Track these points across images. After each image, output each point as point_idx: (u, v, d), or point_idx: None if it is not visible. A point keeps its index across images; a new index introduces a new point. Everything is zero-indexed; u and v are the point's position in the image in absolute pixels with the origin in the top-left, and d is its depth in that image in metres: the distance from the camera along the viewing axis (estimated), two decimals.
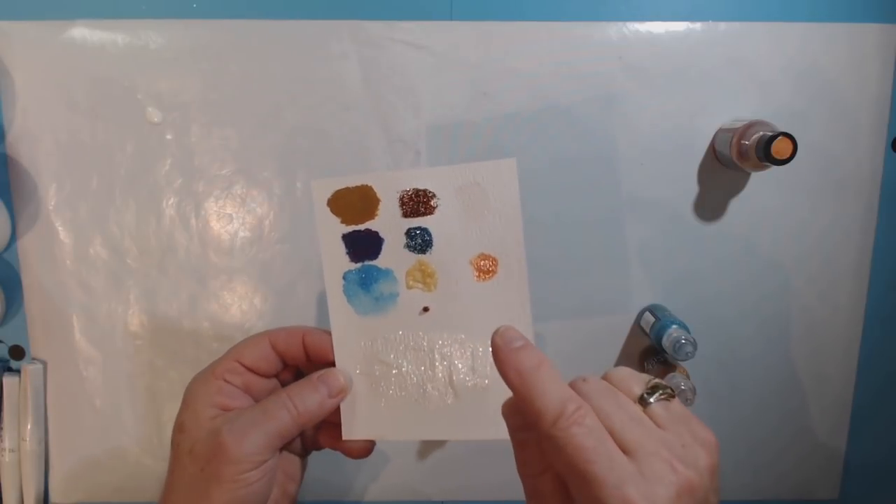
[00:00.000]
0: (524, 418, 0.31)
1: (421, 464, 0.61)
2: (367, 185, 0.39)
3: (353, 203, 0.39)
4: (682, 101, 0.55)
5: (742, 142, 0.50)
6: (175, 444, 0.38)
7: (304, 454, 0.43)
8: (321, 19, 0.53)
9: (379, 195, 0.39)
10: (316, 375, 0.39)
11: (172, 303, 0.57)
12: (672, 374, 0.53)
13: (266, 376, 0.41)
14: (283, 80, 0.54)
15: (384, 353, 0.41)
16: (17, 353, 0.58)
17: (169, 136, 0.55)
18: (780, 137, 0.47)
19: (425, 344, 0.40)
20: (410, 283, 0.40)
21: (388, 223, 0.39)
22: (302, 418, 0.38)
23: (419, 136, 0.55)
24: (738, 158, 0.51)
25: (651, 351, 0.58)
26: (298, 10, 0.54)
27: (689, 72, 0.54)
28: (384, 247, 0.40)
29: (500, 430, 0.38)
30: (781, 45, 0.54)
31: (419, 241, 0.39)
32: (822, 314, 0.59)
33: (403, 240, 0.40)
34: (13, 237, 0.56)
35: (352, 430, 0.41)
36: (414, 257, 0.40)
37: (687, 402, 0.51)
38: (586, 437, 0.28)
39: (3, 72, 0.53)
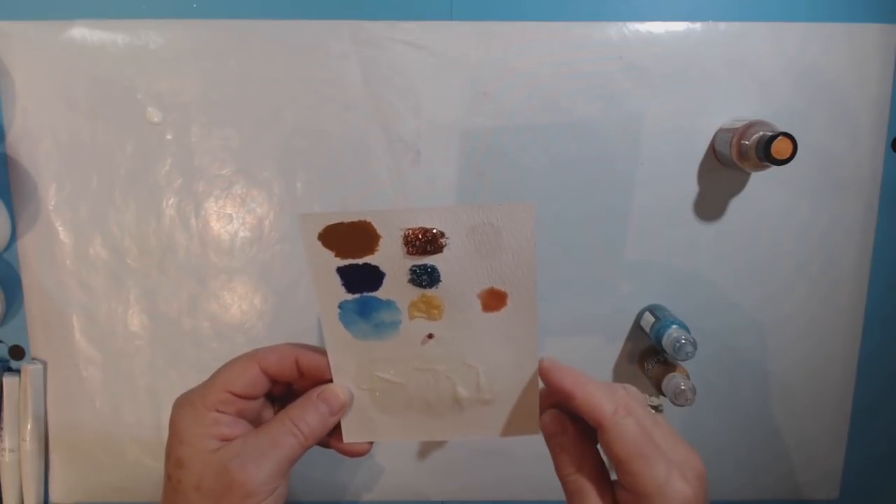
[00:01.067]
0: (563, 425, 0.37)
1: (421, 464, 0.61)
2: (365, 221, 0.36)
3: (349, 238, 0.36)
4: (682, 101, 0.55)
5: (742, 142, 0.50)
6: (175, 479, 0.37)
7: None
8: (321, 19, 0.53)
9: (379, 231, 0.36)
10: (315, 393, 0.39)
11: (172, 303, 0.57)
12: (672, 374, 0.53)
13: (256, 398, 0.40)
14: (283, 80, 0.54)
15: (385, 373, 0.40)
16: (17, 353, 0.58)
17: (169, 136, 0.55)
18: (780, 137, 0.47)
19: (429, 366, 0.40)
20: (414, 313, 0.39)
21: (390, 259, 0.37)
22: (308, 441, 0.38)
23: (419, 136, 0.55)
24: (738, 158, 0.51)
25: (651, 351, 0.58)
26: (298, 10, 0.54)
27: (689, 72, 0.54)
28: (385, 280, 0.38)
29: (499, 431, 0.40)
30: (781, 45, 0.54)
31: (426, 279, 0.37)
32: (822, 314, 0.59)
33: (407, 275, 0.37)
34: (13, 237, 0.56)
35: (352, 434, 0.41)
36: (419, 291, 0.38)
37: (687, 402, 0.51)
38: (637, 425, 0.34)
39: (3, 72, 0.53)
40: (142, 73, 0.54)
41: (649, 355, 0.57)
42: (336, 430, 0.40)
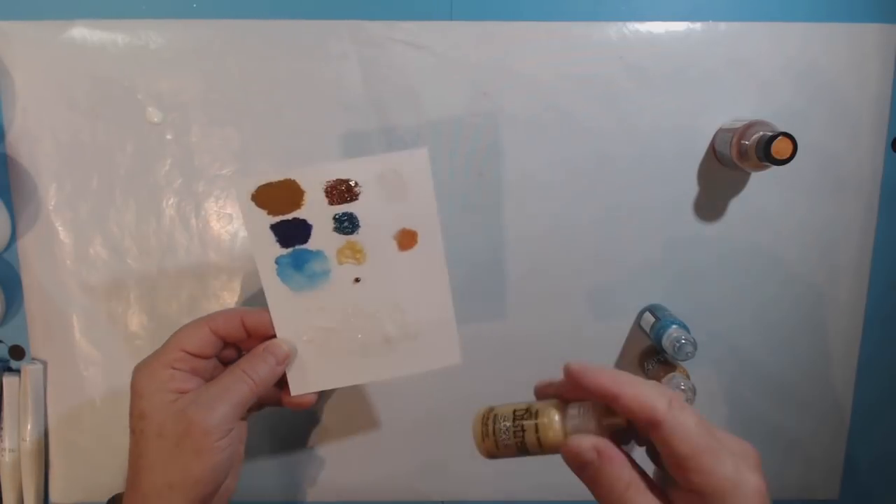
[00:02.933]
0: (606, 453, 0.33)
1: (421, 464, 0.61)
2: (290, 179, 0.42)
3: (278, 196, 0.42)
4: (682, 101, 0.55)
5: (742, 142, 0.50)
6: (138, 430, 0.41)
7: (246, 417, 0.47)
8: (321, 19, 0.53)
9: (303, 187, 0.42)
10: (262, 347, 0.44)
11: (172, 303, 0.57)
12: (672, 374, 0.53)
13: (209, 358, 0.44)
14: (283, 80, 0.54)
15: (322, 321, 0.44)
16: (17, 353, 0.58)
17: (169, 136, 0.55)
18: (780, 137, 0.47)
19: (359, 309, 0.44)
20: (342, 259, 0.44)
21: (316, 211, 0.42)
22: (258, 387, 0.42)
23: (419, 136, 0.55)
24: (738, 158, 0.51)
25: (651, 351, 0.58)
26: (298, 10, 0.54)
27: (689, 72, 0.54)
28: (313, 232, 0.43)
29: (427, 364, 0.45)
30: (781, 45, 0.54)
31: (347, 225, 0.43)
32: (822, 314, 0.59)
33: (332, 224, 0.43)
34: (13, 237, 0.56)
35: (298, 386, 0.45)
36: (343, 238, 0.43)
37: (687, 401, 0.51)
38: (695, 417, 0.32)
39: (3, 72, 0.53)
40: (142, 73, 0.54)
41: (649, 355, 0.57)
42: (285, 387, 0.45)
